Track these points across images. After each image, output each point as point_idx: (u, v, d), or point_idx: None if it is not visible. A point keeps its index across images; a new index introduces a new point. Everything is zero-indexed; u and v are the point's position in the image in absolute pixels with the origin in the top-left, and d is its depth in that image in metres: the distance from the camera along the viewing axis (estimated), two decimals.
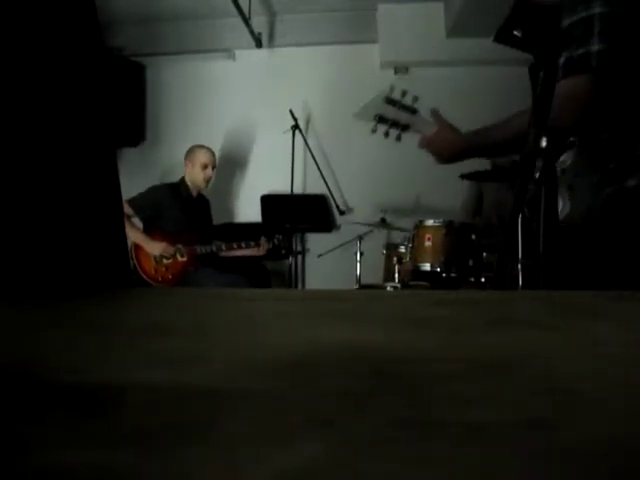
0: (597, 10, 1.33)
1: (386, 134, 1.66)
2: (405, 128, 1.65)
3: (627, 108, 1.36)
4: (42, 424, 0.23)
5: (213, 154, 3.93)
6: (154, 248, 3.60)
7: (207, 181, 3.90)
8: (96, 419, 0.24)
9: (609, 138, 1.39)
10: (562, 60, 1.37)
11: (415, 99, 1.63)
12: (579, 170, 1.46)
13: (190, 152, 3.88)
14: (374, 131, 1.69)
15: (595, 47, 1.31)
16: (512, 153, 1.62)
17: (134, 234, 3.59)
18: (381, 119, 1.63)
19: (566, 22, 1.39)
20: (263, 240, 3.83)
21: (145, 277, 3.62)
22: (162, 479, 0.19)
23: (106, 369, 0.33)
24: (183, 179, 3.86)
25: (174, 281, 3.68)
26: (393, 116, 1.61)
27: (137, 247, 3.61)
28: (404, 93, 1.64)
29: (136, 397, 0.27)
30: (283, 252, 3.95)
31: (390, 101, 1.61)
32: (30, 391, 0.28)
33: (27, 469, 0.19)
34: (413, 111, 1.64)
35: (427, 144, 1.69)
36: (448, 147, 1.65)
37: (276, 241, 3.86)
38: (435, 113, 1.74)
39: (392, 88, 1.63)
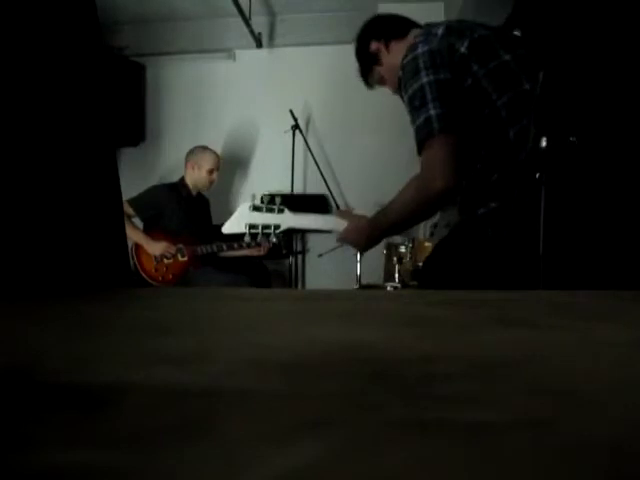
0: (424, 80, 1.47)
1: (264, 235, 1.79)
2: (277, 227, 1.78)
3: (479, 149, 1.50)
4: (42, 424, 0.23)
5: (218, 157, 3.93)
6: (155, 248, 3.60)
7: (211, 184, 3.91)
8: (96, 419, 0.24)
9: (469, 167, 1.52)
10: (414, 131, 1.53)
11: (281, 202, 1.79)
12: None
13: (194, 154, 3.86)
14: (248, 244, 1.90)
15: (432, 112, 1.46)
16: (410, 227, 1.75)
17: (135, 234, 3.58)
18: (251, 226, 1.76)
19: (405, 98, 1.55)
20: (264, 240, 3.83)
21: (146, 277, 3.62)
22: (162, 479, 0.19)
23: (106, 369, 0.33)
24: (183, 179, 3.85)
25: (175, 281, 3.67)
26: (262, 221, 1.76)
27: (138, 247, 3.61)
28: (270, 197, 1.80)
29: (136, 397, 0.27)
30: (284, 252, 3.94)
31: (255, 208, 1.76)
32: (30, 391, 0.28)
33: (27, 469, 0.19)
34: (281, 211, 1.79)
35: (344, 238, 1.79)
36: (360, 236, 1.75)
37: (276, 240, 3.85)
38: (340, 212, 1.91)
39: (253, 197, 1.79)
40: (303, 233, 4.55)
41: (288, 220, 1.79)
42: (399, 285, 3.37)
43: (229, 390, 0.29)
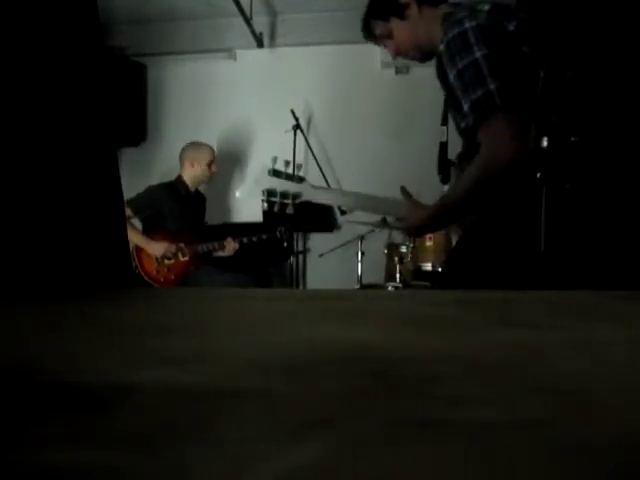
0: (478, 54, 1.41)
1: (281, 208, 1.67)
2: (296, 197, 1.65)
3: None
4: (42, 424, 0.23)
5: (213, 149, 3.94)
6: (155, 249, 3.59)
7: (212, 176, 3.91)
8: (96, 419, 0.24)
9: None
10: (466, 107, 1.43)
11: (299, 167, 1.68)
12: (469, 158, 1.50)
13: (190, 151, 3.86)
14: (270, 211, 1.76)
15: (492, 86, 1.39)
16: (472, 209, 1.62)
17: (134, 236, 3.56)
18: (269, 193, 1.64)
19: (451, 75, 1.46)
20: (229, 240, 3.79)
21: (147, 279, 3.60)
22: (162, 479, 0.19)
23: (106, 369, 0.33)
24: (180, 177, 3.85)
25: (177, 281, 3.66)
26: (281, 188, 1.63)
27: (138, 249, 3.60)
28: (287, 163, 1.67)
29: (136, 397, 0.27)
30: (285, 244, 3.91)
31: (275, 173, 1.63)
32: (30, 391, 0.28)
33: (27, 468, 0.19)
34: (300, 179, 1.67)
35: (406, 226, 1.73)
36: (419, 221, 1.70)
37: (278, 234, 3.84)
38: (405, 191, 1.82)
39: (274, 159, 1.69)
40: (304, 233, 4.55)
41: (308, 191, 1.65)
42: (400, 285, 3.37)
43: (229, 390, 0.29)
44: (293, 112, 4.26)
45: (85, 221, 0.84)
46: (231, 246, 3.76)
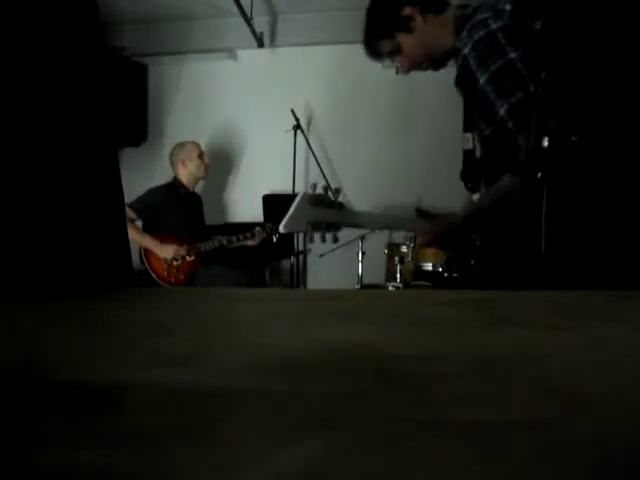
0: (512, 55, 1.36)
1: (323, 239, 1.58)
2: (337, 227, 1.54)
3: None
4: (42, 424, 0.23)
5: (198, 143, 3.98)
6: (166, 252, 3.61)
7: (207, 168, 3.93)
8: (97, 419, 0.24)
9: None
10: (503, 111, 1.38)
11: (337, 191, 1.58)
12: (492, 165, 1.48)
13: (176, 153, 3.89)
14: (311, 241, 1.62)
15: (532, 88, 1.33)
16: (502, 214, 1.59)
17: (143, 239, 3.59)
18: (314, 225, 1.50)
19: (482, 78, 1.40)
20: (258, 229, 3.82)
21: (158, 280, 3.63)
22: (162, 479, 0.19)
23: (106, 369, 0.33)
24: (176, 178, 3.86)
25: (186, 281, 3.68)
26: (324, 218, 1.50)
27: (147, 251, 3.62)
28: (326, 189, 1.58)
29: (136, 397, 0.27)
30: (275, 239, 3.91)
31: (315, 201, 1.50)
32: (30, 391, 0.28)
33: (28, 468, 0.19)
34: (339, 206, 1.55)
35: (429, 239, 1.65)
36: (445, 229, 1.62)
37: (268, 230, 3.85)
38: (419, 211, 1.73)
39: (314, 186, 1.60)
40: (305, 233, 4.55)
41: (349, 217, 1.56)
42: (401, 285, 3.37)
43: (229, 390, 0.29)
44: (293, 112, 4.26)
45: (86, 221, 0.84)
46: (261, 235, 3.80)
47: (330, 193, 1.52)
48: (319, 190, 1.52)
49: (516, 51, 1.36)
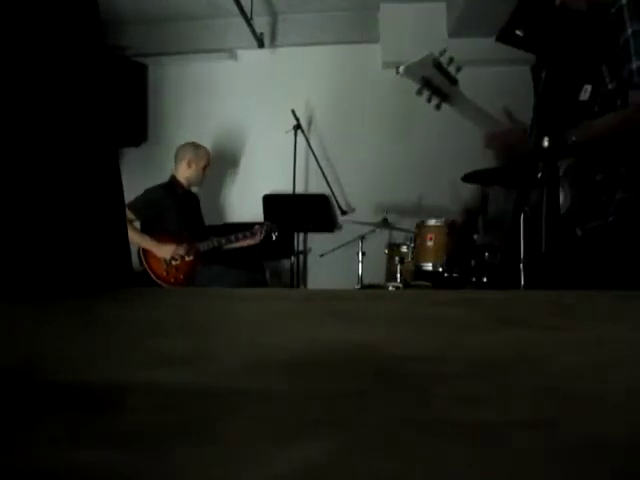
0: None
1: (428, 100, 1.61)
2: (445, 98, 1.58)
3: None
4: (42, 424, 0.23)
5: (209, 152, 3.97)
6: (164, 252, 3.61)
7: (204, 179, 3.94)
8: (97, 419, 0.24)
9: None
10: (636, 66, 1.36)
11: (459, 69, 1.60)
12: (581, 168, 1.44)
13: (188, 151, 3.86)
14: (419, 93, 1.63)
15: None
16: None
17: (142, 240, 3.59)
18: (427, 83, 1.57)
19: (630, 29, 1.37)
20: (257, 228, 3.83)
21: (158, 280, 3.63)
22: (162, 479, 0.19)
23: (106, 369, 0.33)
24: (175, 177, 3.86)
25: (185, 281, 3.68)
26: (438, 82, 1.57)
27: (146, 251, 3.61)
28: (451, 60, 1.58)
29: (136, 397, 0.27)
30: (274, 237, 3.91)
31: (437, 65, 1.57)
32: (30, 391, 0.28)
33: (27, 468, 0.19)
34: (454, 82, 1.59)
35: (494, 138, 1.63)
36: (520, 140, 1.57)
37: (267, 227, 3.86)
38: (507, 112, 1.69)
39: (443, 52, 1.59)
40: (305, 233, 4.55)
41: (457, 97, 1.59)
42: (401, 285, 3.37)
43: (229, 390, 0.29)
44: (294, 112, 4.26)
45: (86, 221, 0.84)
46: (261, 233, 3.80)
47: (453, 67, 1.56)
48: (445, 59, 1.54)
49: None
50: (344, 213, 4.22)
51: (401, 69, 1.53)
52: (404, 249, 3.60)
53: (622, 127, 1.39)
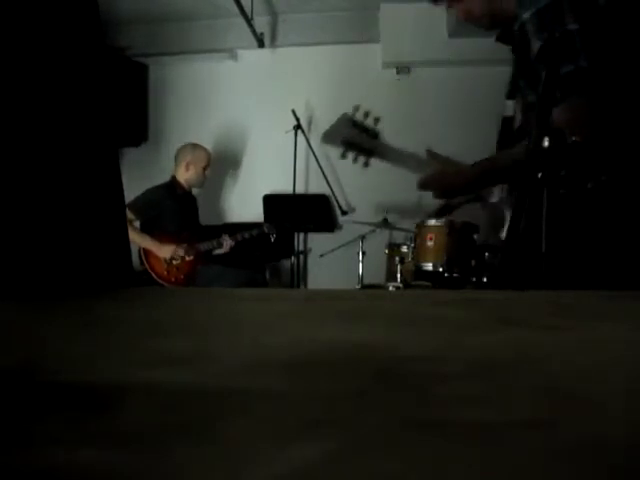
0: (572, 27, 1.32)
1: (354, 160, 1.60)
2: (370, 154, 1.57)
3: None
4: (42, 423, 0.23)
5: (209, 153, 3.96)
6: (164, 251, 3.62)
7: (205, 180, 3.93)
8: (96, 418, 0.24)
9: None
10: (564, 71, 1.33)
11: (377, 121, 1.59)
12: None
13: (186, 152, 3.86)
14: (344, 157, 1.63)
15: (583, 63, 1.30)
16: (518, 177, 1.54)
17: (142, 240, 3.59)
18: (348, 144, 1.56)
19: (537, 46, 1.36)
20: (225, 237, 3.81)
21: (159, 280, 3.63)
22: (162, 479, 0.19)
23: (106, 369, 0.33)
24: (175, 178, 3.86)
25: (186, 280, 3.69)
26: (359, 140, 1.55)
27: (146, 251, 3.62)
28: (367, 114, 1.58)
29: (136, 397, 0.27)
30: (273, 239, 3.91)
31: (354, 123, 1.55)
32: (30, 391, 0.28)
33: (28, 468, 0.19)
34: (375, 135, 1.58)
35: (427, 183, 1.64)
36: (453, 180, 1.60)
37: (265, 229, 3.86)
38: (430, 152, 1.71)
39: (356, 108, 1.60)
40: (305, 233, 4.55)
41: (382, 149, 1.59)
42: (401, 285, 3.37)
43: (229, 390, 0.29)
44: (294, 112, 4.26)
45: (86, 221, 0.84)
46: (227, 243, 3.79)
47: (370, 120, 1.55)
48: (360, 115, 1.53)
49: (576, 23, 1.32)
50: (344, 213, 4.23)
51: (320, 138, 1.54)
52: (404, 249, 3.60)
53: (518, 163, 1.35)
